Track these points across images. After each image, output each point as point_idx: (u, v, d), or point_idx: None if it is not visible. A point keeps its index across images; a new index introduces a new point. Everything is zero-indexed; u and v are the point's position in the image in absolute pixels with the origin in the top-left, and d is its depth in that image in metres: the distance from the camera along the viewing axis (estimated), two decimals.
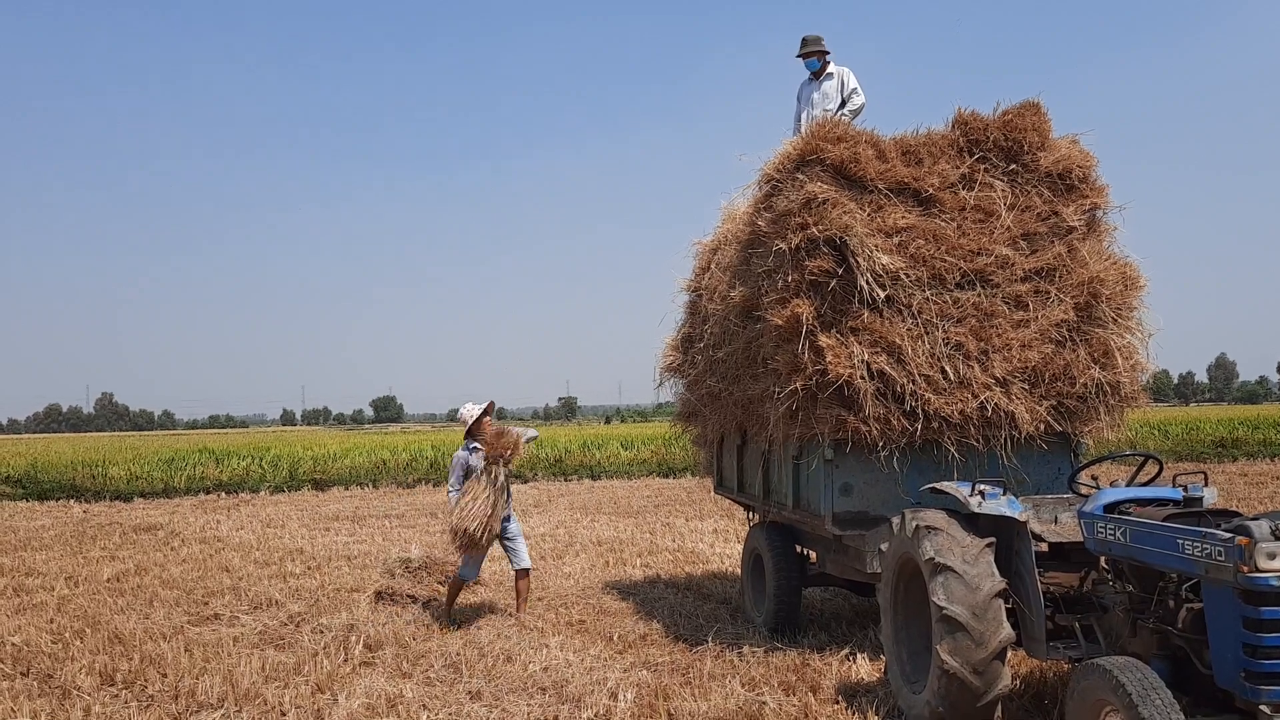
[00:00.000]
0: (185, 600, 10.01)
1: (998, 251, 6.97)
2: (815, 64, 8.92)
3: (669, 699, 6.03)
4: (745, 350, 7.65)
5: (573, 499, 20.91)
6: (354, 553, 13.09)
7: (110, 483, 24.59)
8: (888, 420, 6.60)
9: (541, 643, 7.63)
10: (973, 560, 5.05)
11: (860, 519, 6.88)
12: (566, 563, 11.83)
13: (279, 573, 11.66)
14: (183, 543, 14.91)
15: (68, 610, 9.61)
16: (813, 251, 6.80)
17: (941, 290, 6.87)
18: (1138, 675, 4.02)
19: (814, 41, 8.94)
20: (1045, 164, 7.24)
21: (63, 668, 7.31)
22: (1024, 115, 7.33)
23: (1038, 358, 6.80)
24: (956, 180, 7.18)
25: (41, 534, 16.65)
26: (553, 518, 16.94)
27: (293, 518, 18.29)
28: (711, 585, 10.11)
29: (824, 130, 7.19)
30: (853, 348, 6.65)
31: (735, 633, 7.82)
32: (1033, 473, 6.98)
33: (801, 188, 6.93)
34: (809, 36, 8.97)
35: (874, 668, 6.55)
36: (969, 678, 4.92)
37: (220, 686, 6.58)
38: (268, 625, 8.66)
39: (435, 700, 6.23)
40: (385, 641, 7.81)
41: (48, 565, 12.77)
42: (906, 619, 5.71)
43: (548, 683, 6.54)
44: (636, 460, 27.86)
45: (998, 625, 4.95)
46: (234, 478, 25.57)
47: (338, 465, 26.57)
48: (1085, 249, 7.10)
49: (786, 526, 8.16)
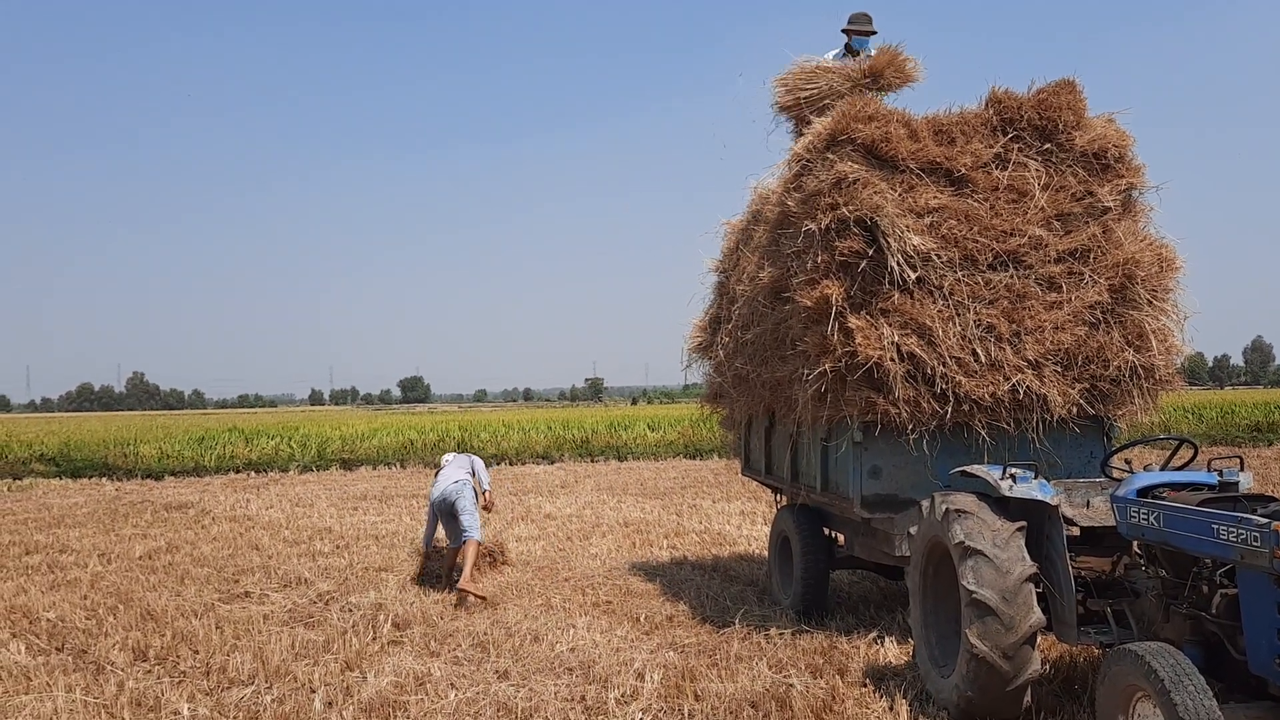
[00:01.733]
0: (216, 578, 10.12)
1: (1031, 232, 6.88)
2: (863, 43, 8.76)
3: (695, 680, 6.03)
4: (774, 332, 7.60)
5: (599, 480, 20.94)
6: (381, 532, 13.18)
7: (142, 461, 24.90)
8: (918, 402, 6.55)
9: (568, 623, 7.65)
10: (1003, 544, 5.00)
11: (889, 502, 6.84)
12: (593, 543, 11.85)
13: (308, 551, 11.76)
14: (213, 521, 15.07)
15: (101, 587, 9.74)
16: (843, 232, 6.73)
17: (973, 271, 6.79)
18: (1170, 661, 3.98)
19: (864, 20, 8.79)
20: (1080, 143, 7.13)
21: (96, 643, 7.40)
22: (1059, 94, 7.22)
23: (1071, 340, 6.72)
24: (990, 160, 7.09)
25: (75, 511, 16.88)
26: (579, 498, 16.97)
27: (321, 497, 18.43)
28: (738, 567, 10.10)
29: (855, 109, 7.11)
30: (882, 329, 6.59)
31: (762, 615, 7.81)
32: (1064, 456, 6.91)
33: (832, 167, 6.86)
34: (859, 14, 8.81)
35: (902, 651, 6.52)
36: (998, 662, 4.88)
37: (251, 663, 6.65)
38: (297, 603, 8.74)
39: (463, 679, 6.27)
40: (413, 620, 7.86)
41: (81, 542, 12.95)
42: (935, 603, 5.67)
43: (575, 663, 6.56)
44: (663, 441, 27.86)
45: (1028, 610, 4.91)
46: (263, 457, 25.82)
47: (366, 445, 26.75)
48: (1120, 230, 7.00)
49: (814, 509, 8.12)
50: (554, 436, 28.02)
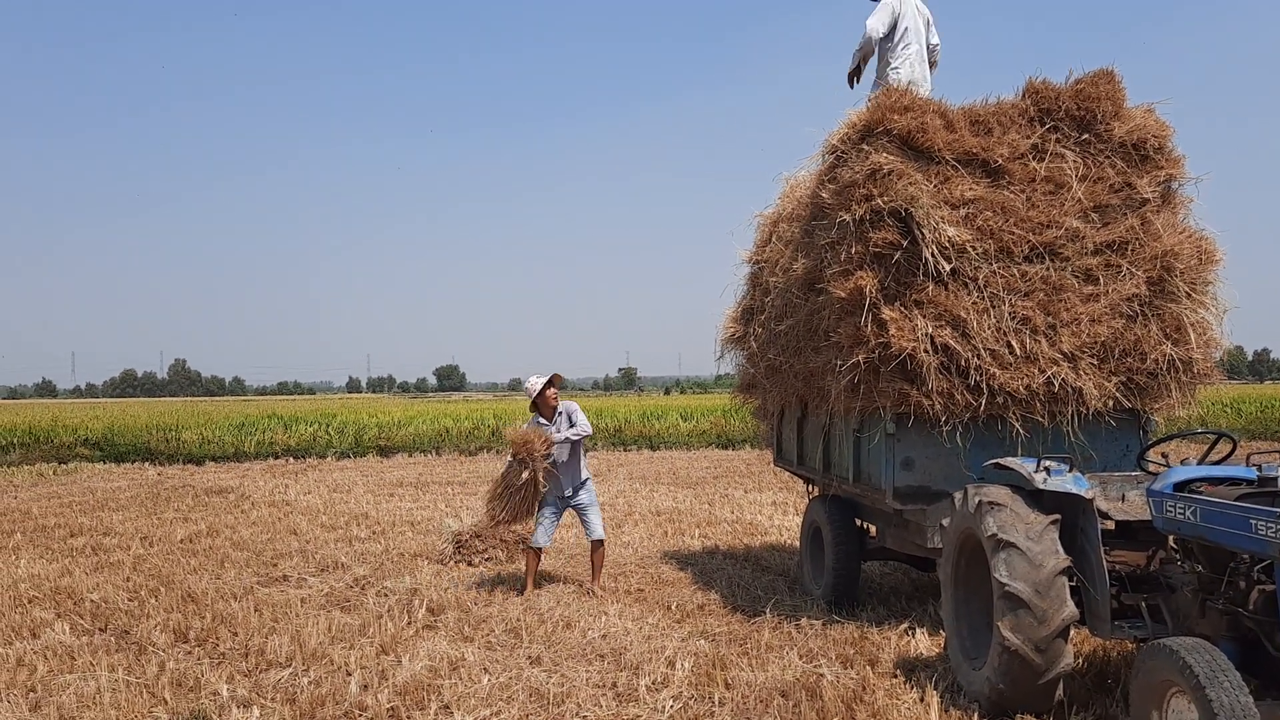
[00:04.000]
0: (255, 561, 10.27)
1: (1068, 224, 6.82)
2: None
3: (726, 669, 6.06)
4: (807, 323, 7.59)
5: (632, 469, 21.01)
6: (417, 519, 13.32)
7: (183, 446, 25.28)
8: (951, 394, 6.52)
9: (600, 610, 7.70)
10: (1036, 537, 4.98)
11: (921, 493, 6.82)
12: (625, 532, 11.91)
13: (345, 537, 11.91)
14: (252, 505, 15.29)
15: (143, 569, 9.92)
16: (877, 223, 6.71)
17: (1009, 263, 6.74)
18: (1206, 657, 3.95)
19: None
20: (1119, 134, 7.06)
21: (138, 624, 7.56)
22: (1097, 84, 7.14)
23: (1107, 332, 6.66)
24: (1026, 151, 7.03)
25: (118, 495, 17.19)
26: (612, 487, 17.04)
27: (358, 483, 18.64)
28: (770, 557, 10.11)
29: (890, 100, 7.07)
30: (916, 321, 6.57)
31: (793, 605, 7.82)
32: (1099, 449, 6.85)
33: (867, 158, 6.83)
34: None
35: (933, 643, 6.51)
36: (1030, 655, 4.86)
37: (289, 646, 6.76)
38: (334, 587, 8.86)
39: (496, 664, 6.33)
40: (447, 606, 7.95)
41: (124, 525, 13.19)
42: (967, 595, 5.65)
43: (606, 650, 6.61)
44: (696, 431, 27.90)
45: (1061, 603, 4.88)
46: (301, 443, 26.13)
47: (402, 432, 26.99)
48: (1159, 221, 6.92)
49: (846, 500, 8.11)
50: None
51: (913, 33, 8.08)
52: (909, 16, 8.10)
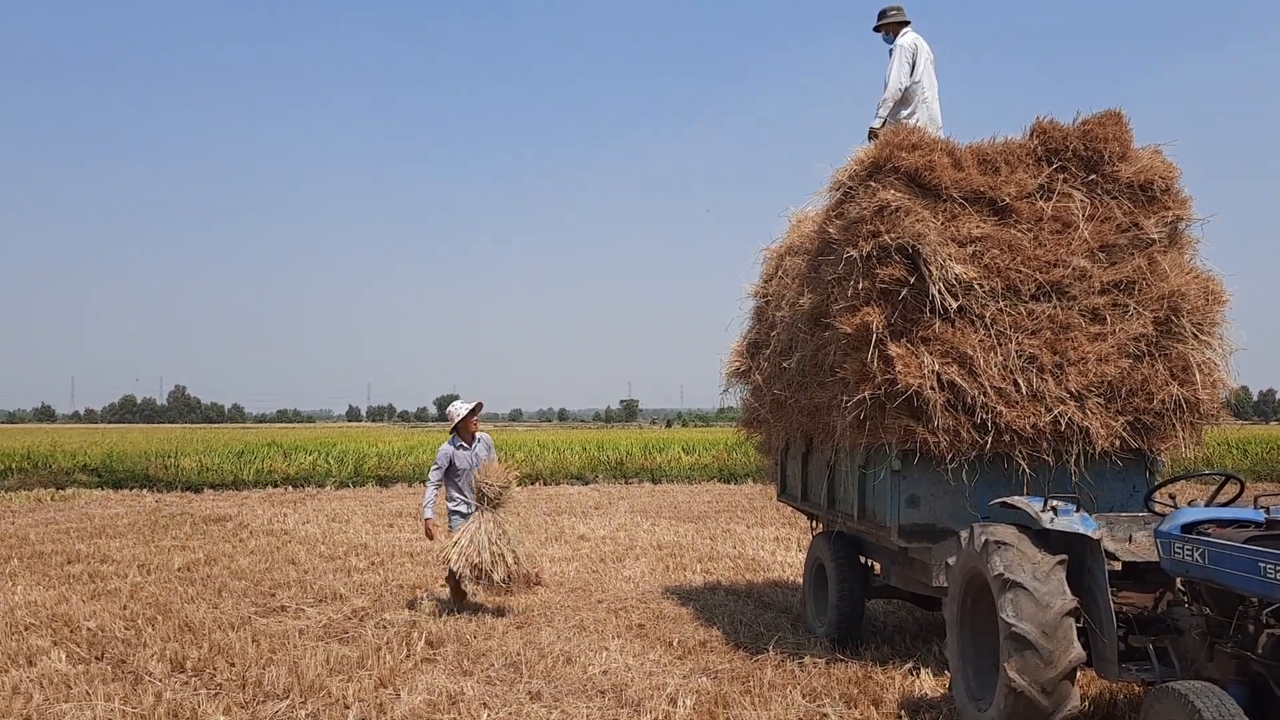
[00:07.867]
0: (253, 591, 10.21)
1: (1075, 263, 6.83)
2: (891, 40, 8.40)
3: (729, 707, 6.00)
4: (813, 357, 7.58)
5: (633, 502, 20.92)
6: (416, 549, 13.24)
7: (182, 474, 25.21)
8: (957, 432, 6.50)
9: (601, 645, 7.64)
10: (1043, 577, 4.94)
11: (927, 531, 6.79)
12: (626, 566, 11.84)
13: (343, 567, 11.85)
14: (251, 534, 15.22)
15: (140, 597, 9.86)
16: (884, 259, 6.72)
17: (1016, 301, 6.75)
18: (1214, 701, 3.90)
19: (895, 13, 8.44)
20: (1126, 175, 7.08)
21: (135, 653, 7.49)
22: (1104, 125, 7.18)
23: (1114, 372, 6.65)
24: (1034, 190, 7.05)
25: (116, 522, 17.11)
26: (613, 520, 16.96)
27: (357, 513, 18.56)
28: (772, 594, 10.05)
29: (898, 137, 7.11)
30: (923, 357, 6.56)
31: (796, 642, 7.76)
32: (1106, 489, 6.82)
33: (874, 195, 6.86)
34: (887, 9, 8.50)
35: (938, 683, 6.45)
36: (1037, 697, 4.81)
37: (286, 677, 6.70)
38: (332, 619, 8.80)
39: (495, 699, 6.27)
40: (446, 639, 7.89)
41: (121, 553, 13.12)
42: (973, 635, 5.60)
43: (607, 686, 6.55)
44: (698, 465, 27.79)
45: (1068, 644, 4.84)
46: (301, 472, 26.05)
47: (401, 462, 26.90)
48: (1166, 262, 6.93)
49: (851, 537, 8.07)
50: (588, 457, 28.04)
51: (925, 75, 8.22)
52: (923, 58, 8.27)
